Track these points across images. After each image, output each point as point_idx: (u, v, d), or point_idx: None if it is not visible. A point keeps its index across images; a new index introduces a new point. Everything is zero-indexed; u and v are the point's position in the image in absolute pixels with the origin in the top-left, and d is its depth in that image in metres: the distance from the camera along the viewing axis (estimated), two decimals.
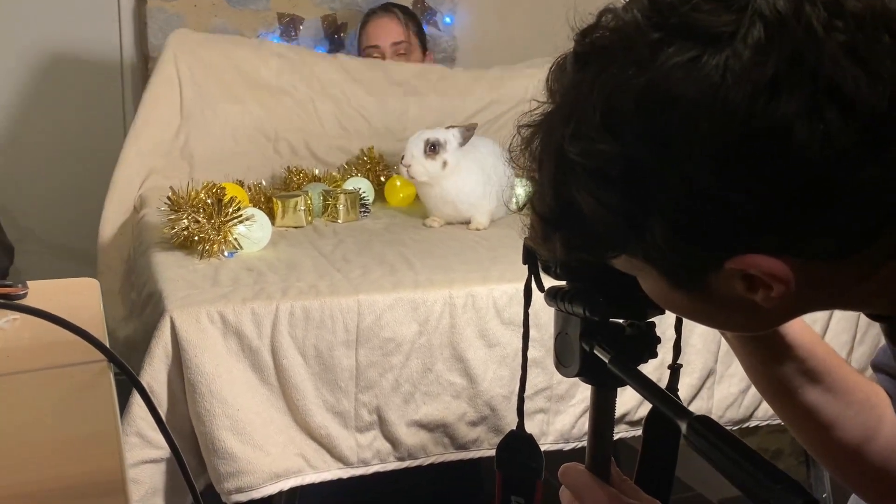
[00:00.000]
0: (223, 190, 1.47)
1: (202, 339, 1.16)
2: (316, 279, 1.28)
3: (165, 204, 1.46)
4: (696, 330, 1.36)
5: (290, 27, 2.48)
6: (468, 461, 1.34)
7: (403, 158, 1.59)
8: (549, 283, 0.69)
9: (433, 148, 1.56)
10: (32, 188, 2.39)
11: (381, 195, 1.84)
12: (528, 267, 0.70)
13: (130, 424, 1.15)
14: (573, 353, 0.67)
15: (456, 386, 1.28)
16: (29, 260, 2.14)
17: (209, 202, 1.40)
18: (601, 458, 0.70)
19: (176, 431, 1.17)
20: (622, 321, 0.67)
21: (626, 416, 1.38)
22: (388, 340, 1.23)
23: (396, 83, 2.01)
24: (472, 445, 1.32)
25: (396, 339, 1.24)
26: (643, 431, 0.75)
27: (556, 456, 1.15)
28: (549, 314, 0.69)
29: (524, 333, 0.75)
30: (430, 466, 1.32)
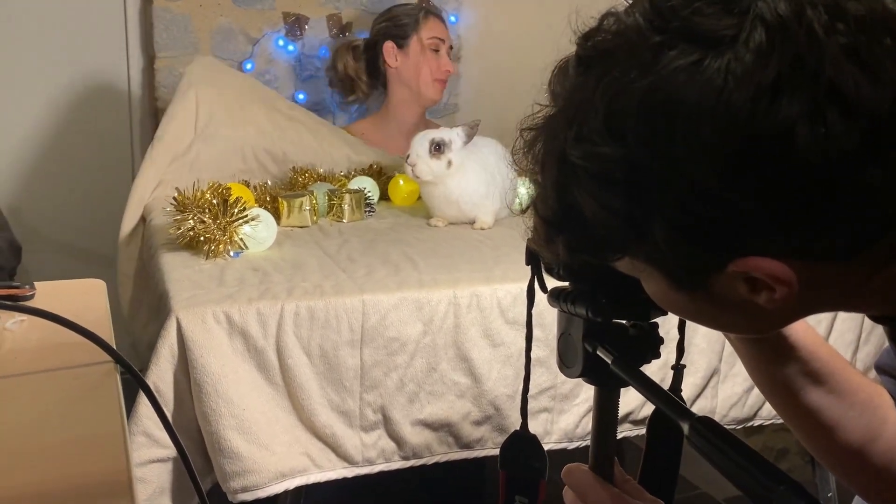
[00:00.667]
0: (229, 190, 1.48)
1: (208, 339, 1.16)
2: (321, 279, 1.29)
3: (171, 205, 1.46)
4: (699, 330, 1.36)
5: (295, 26, 2.48)
6: (472, 460, 1.34)
7: (408, 158, 1.59)
8: (552, 283, 0.69)
9: (438, 147, 1.56)
10: (40, 188, 2.39)
11: (384, 194, 1.85)
12: (531, 268, 0.70)
13: (137, 424, 1.16)
14: (576, 353, 0.67)
15: (460, 385, 1.28)
16: (36, 259, 2.14)
17: (215, 202, 1.41)
18: (604, 457, 0.70)
19: (182, 431, 1.18)
20: (625, 322, 0.67)
21: (629, 415, 1.38)
22: (392, 340, 1.24)
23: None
24: (476, 445, 1.32)
25: (401, 338, 1.24)
26: (647, 431, 0.75)
27: (559, 455, 1.15)
28: (553, 314, 0.69)
29: (527, 334, 0.75)
30: (434, 466, 1.32)
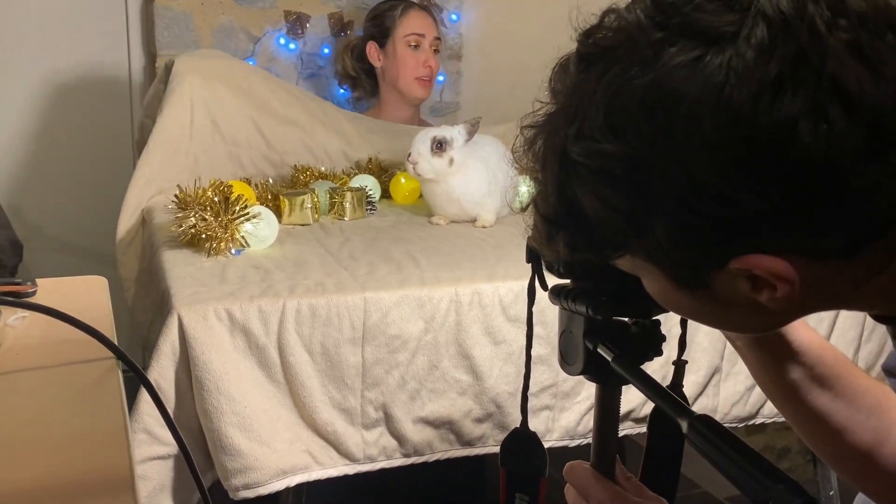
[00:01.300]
0: (230, 188, 1.48)
1: (209, 336, 1.17)
2: (322, 277, 1.29)
3: (173, 202, 1.46)
4: (701, 328, 1.36)
5: (296, 25, 2.48)
6: (474, 458, 1.34)
7: (410, 156, 1.59)
8: (553, 281, 0.69)
9: (440, 145, 1.56)
10: (41, 185, 2.40)
11: (386, 192, 1.84)
12: (531, 266, 0.70)
13: (138, 421, 1.16)
14: (577, 351, 0.67)
15: (462, 383, 1.28)
16: (38, 257, 2.15)
17: (216, 200, 1.41)
18: (606, 455, 0.70)
19: (183, 428, 1.18)
20: (627, 319, 0.67)
21: (631, 412, 1.38)
22: (394, 338, 1.24)
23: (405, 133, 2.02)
24: (477, 442, 1.32)
25: (402, 336, 1.24)
26: (647, 429, 0.75)
27: (561, 453, 1.15)
28: (554, 311, 0.69)
29: (528, 332, 0.75)
30: (435, 463, 1.32)
